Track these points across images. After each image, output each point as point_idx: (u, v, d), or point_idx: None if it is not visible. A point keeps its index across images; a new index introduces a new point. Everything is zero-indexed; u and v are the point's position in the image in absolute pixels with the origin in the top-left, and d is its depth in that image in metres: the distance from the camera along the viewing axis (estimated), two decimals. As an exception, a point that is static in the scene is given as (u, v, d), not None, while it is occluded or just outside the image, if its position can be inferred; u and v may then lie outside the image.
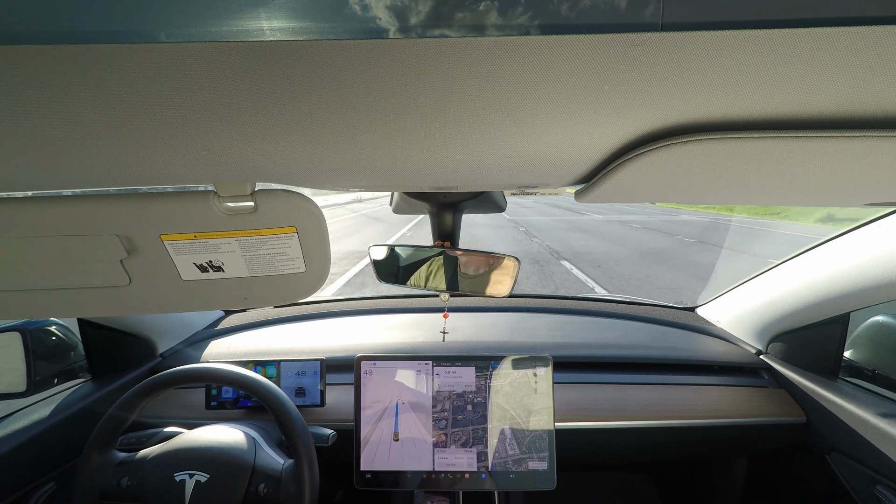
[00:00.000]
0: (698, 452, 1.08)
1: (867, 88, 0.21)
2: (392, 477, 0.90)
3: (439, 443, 0.91)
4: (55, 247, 0.42)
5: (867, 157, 0.30)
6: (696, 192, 0.46)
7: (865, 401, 0.90)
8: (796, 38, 0.17)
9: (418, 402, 0.92)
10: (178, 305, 0.51)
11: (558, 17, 0.15)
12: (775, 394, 1.06)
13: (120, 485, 0.73)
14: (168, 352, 1.16)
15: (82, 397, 0.95)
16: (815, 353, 1.04)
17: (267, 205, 0.41)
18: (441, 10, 0.14)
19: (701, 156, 0.30)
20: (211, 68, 0.18)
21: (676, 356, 1.13)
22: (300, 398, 0.99)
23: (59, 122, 0.22)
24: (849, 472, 0.91)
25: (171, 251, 0.44)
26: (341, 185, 0.48)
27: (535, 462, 0.89)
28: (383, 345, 1.15)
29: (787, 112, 0.25)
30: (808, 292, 0.96)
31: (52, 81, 0.18)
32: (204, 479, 0.72)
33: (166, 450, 0.76)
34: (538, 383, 0.91)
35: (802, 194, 0.46)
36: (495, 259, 0.70)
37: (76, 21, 0.14)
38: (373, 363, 0.94)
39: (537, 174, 0.41)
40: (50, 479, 0.87)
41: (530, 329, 1.24)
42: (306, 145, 0.28)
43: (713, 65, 0.19)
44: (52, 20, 0.14)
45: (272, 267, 0.46)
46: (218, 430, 0.81)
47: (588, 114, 0.24)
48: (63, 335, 0.98)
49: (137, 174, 0.34)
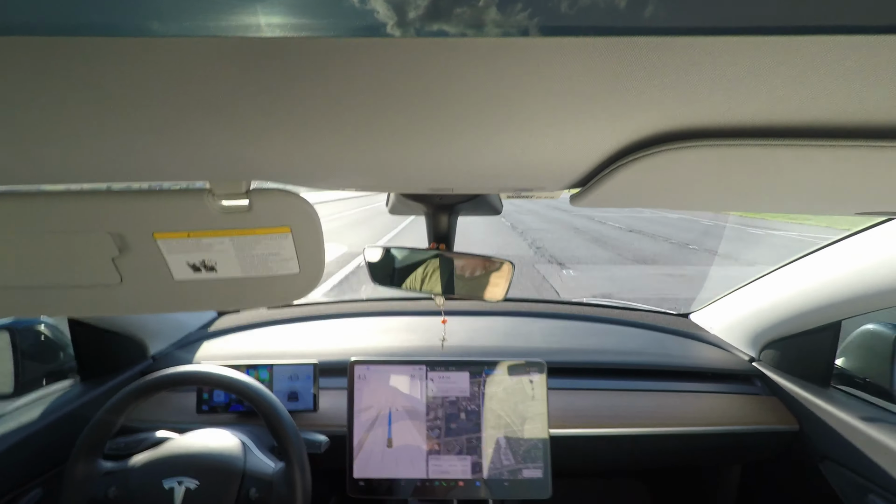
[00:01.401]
0: (691, 460, 1.08)
1: (861, 97, 0.21)
2: (386, 485, 0.89)
3: (433, 450, 0.90)
4: (45, 244, 0.41)
5: (859, 166, 0.30)
6: (690, 199, 0.46)
7: (857, 409, 0.91)
8: (793, 46, 0.17)
9: (412, 407, 0.92)
10: (171, 305, 0.50)
11: (558, 18, 0.15)
12: (768, 401, 1.06)
13: (107, 495, 0.72)
14: (159, 353, 1.14)
15: (71, 399, 0.93)
16: (807, 360, 1.04)
17: (262, 204, 0.41)
18: (439, 5, 0.14)
19: (695, 162, 0.30)
20: (206, 63, 0.18)
21: (670, 363, 1.13)
22: (293, 402, 0.98)
23: (49, 116, 0.22)
24: (841, 480, 0.91)
25: (164, 250, 0.43)
26: (337, 185, 0.47)
27: (530, 470, 0.89)
28: (377, 348, 1.15)
29: (782, 120, 0.25)
30: (800, 300, 0.97)
31: (40, 74, 0.18)
32: (193, 486, 0.71)
33: (154, 457, 0.75)
34: (534, 389, 0.91)
35: (795, 202, 0.47)
36: (490, 262, 0.70)
37: (65, 12, 0.14)
38: (367, 367, 0.93)
39: (533, 177, 0.41)
40: (37, 485, 0.85)
41: (525, 334, 1.24)
42: (302, 143, 0.28)
43: (711, 70, 0.19)
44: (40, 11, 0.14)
45: (266, 267, 0.46)
46: (207, 434, 0.80)
47: (585, 117, 0.24)
48: (52, 335, 0.97)
49: (131, 170, 0.34)
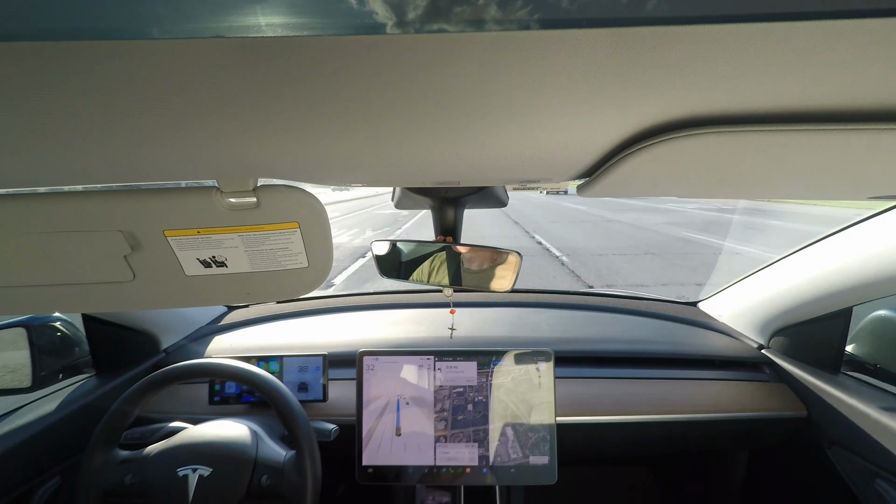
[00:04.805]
0: (699, 447, 1.09)
1: (870, 81, 0.21)
2: (394, 471, 0.91)
3: (441, 437, 0.92)
4: (59, 243, 0.42)
5: (870, 150, 0.29)
6: (699, 186, 0.46)
7: (867, 395, 0.90)
8: (798, 31, 0.16)
9: (420, 396, 0.93)
10: (182, 301, 0.51)
11: (559, 11, 0.14)
12: (776, 388, 1.06)
13: (124, 482, 0.74)
14: (171, 347, 1.17)
15: (87, 392, 0.96)
16: (817, 347, 1.03)
17: (269, 200, 0.41)
18: (439, 4, 0.14)
19: (703, 149, 0.30)
20: (209, 65, 0.18)
21: (678, 351, 1.13)
22: (302, 393, 1.00)
23: (59, 119, 0.22)
24: (849, 465, 0.91)
25: (175, 247, 0.44)
26: (343, 181, 0.48)
27: (537, 457, 0.90)
28: (386, 340, 1.16)
29: (790, 105, 0.24)
30: (810, 287, 0.96)
31: (49, 78, 0.18)
32: (207, 473, 0.73)
33: (168, 446, 0.77)
34: (540, 378, 0.92)
35: (805, 188, 0.46)
36: (498, 254, 0.70)
37: (69, 17, 0.14)
38: (375, 358, 0.94)
39: (539, 168, 0.41)
40: (55, 474, 0.88)
41: (532, 324, 1.24)
42: (307, 141, 0.28)
43: (715, 58, 0.18)
44: (45, 16, 0.14)
45: (275, 262, 0.47)
46: (220, 424, 0.82)
47: (589, 108, 0.24)
48: (68, 331, 0.99)
49: (139, 170, 0.34)
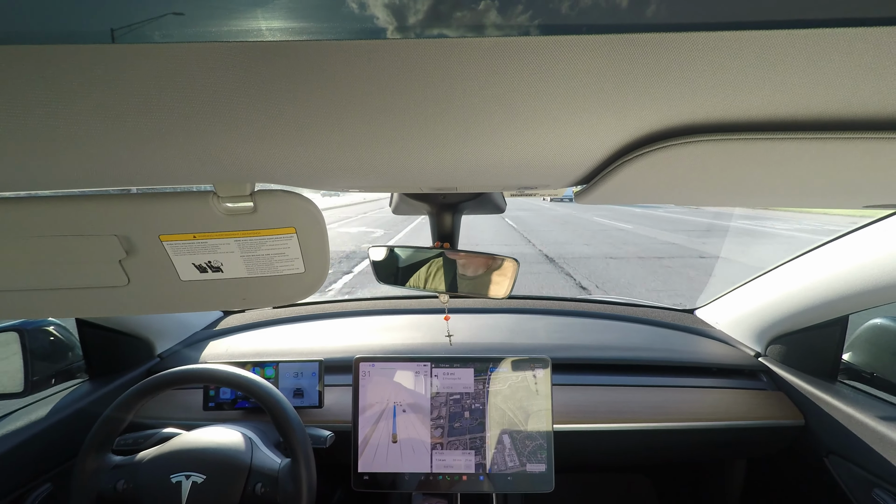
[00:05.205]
0: (697, 455, 1.08)
1: (867, 90, 0.21)
2: (390, 479, 0.90)
3: (437, 444, 0.91)
4: (53, 247, 0.42)
5: (867, 158, 0.30)
6: (696, 194, 0.46)
7: (864, 403, 0.90)
8: (796, 39, 0.16)
9: (417, 403, 0.92)
10: (177, 306, 0.51)
11: (558, 17, 0.15)
12: (774, 396, 1.06)
13: (116, 488, 0.73)
14: (166, 352, 1.16)
15: (80, 398, 0.95)
16: (813, 355, 1.03)
17: (266, 205, 0.41)
18: (439, 9, 0.14)
19: (701, 157, 0.30)
20: (209, 69, 0.18)
21: (675, 358, 1.13)
22: (298, 399, 0.99)
23: (56, 122, 0.22)
24: (847, 474, 0.91)
25: (170, 251, 0.43)
26: (341, 186, 0.48)
27: (534, 464, 0.89)
28: (382, 346, 1.15)
29: (787, 113, 0.25)
30: (806, 295, 0.96)
31: (47, 81, 0.18)
32: (200, 480, 0.72)
33: (162, 452, 0.76)
34: (538, 385, 0.91)
35: (802, 196, 0.46)
36: (494, 260, 0.70)
37: (70, 21, 0.14)
38: (371, 364, 0.94)
39: (537, 175, 0.41)
40: (46, 480, 0.87)
41: (529, 331, 1.24)
42: (305, 146, 0.28)
43: (713, 65, 0.19)
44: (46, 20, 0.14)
45: (271, 267, 0.46)
46: (214, 431, 0.81)
47: (588, 115, 0.24)
48: (61, 335, 0.98)
49: (136, 174, 0.34)
